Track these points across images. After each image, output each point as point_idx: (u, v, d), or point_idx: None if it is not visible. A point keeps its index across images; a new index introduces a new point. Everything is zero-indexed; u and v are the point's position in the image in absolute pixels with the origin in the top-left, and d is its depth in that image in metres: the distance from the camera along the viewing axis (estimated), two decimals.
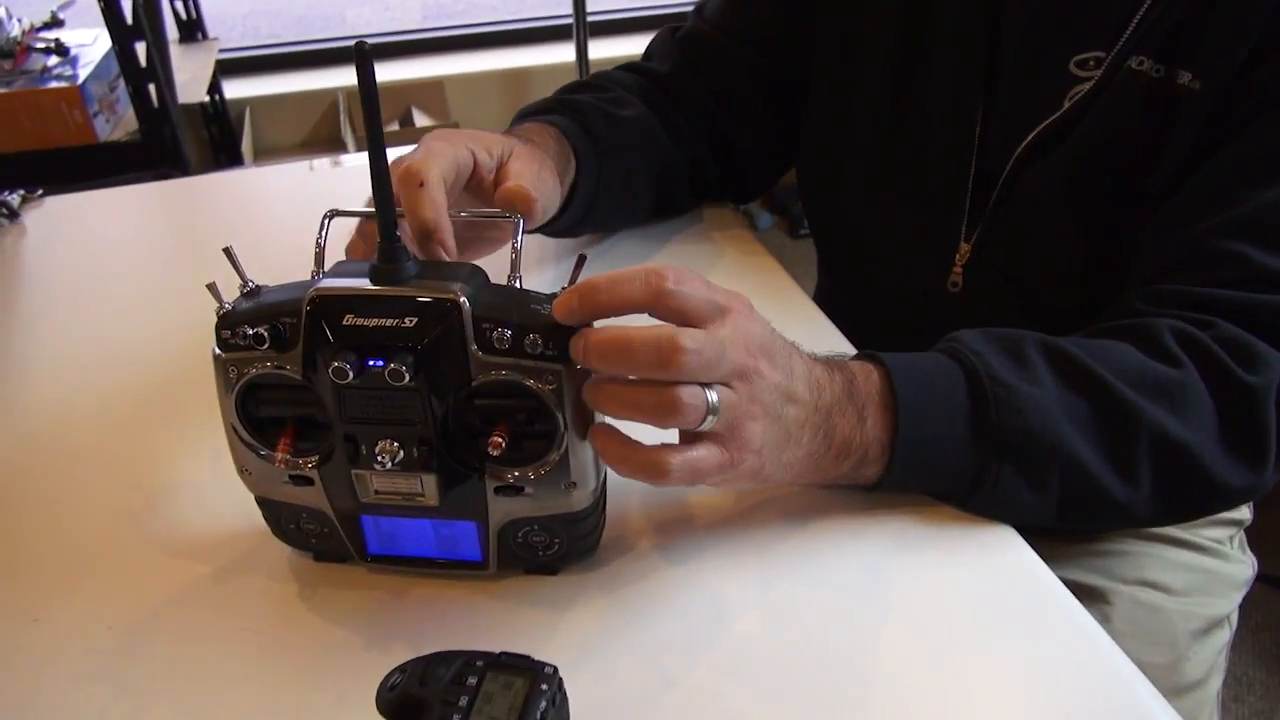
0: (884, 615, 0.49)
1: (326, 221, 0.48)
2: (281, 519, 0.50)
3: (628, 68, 0.86)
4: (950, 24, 0.70)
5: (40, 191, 0.95)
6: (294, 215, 0.92)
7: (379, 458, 0.44)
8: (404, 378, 0.41)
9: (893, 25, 0.73)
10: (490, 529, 0.48)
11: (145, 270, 0.84)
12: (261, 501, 0.50)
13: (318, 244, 0.47)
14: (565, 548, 0.49)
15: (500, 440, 0.43)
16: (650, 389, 0.43)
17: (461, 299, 0.42)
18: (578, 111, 0.74)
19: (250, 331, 0.43)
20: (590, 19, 2.33)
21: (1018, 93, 0.68)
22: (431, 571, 0.51)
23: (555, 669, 0.39)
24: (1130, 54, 0.63)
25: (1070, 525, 0.59)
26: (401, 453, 0.44)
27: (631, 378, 0.44)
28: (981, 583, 0.51)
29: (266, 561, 0.53)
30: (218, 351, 0.45)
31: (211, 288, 0.45)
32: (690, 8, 0.86)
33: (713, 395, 0.44)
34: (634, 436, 0.46)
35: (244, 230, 0.90)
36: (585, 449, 0.45)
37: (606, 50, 2.48)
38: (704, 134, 0.82)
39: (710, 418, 0.44)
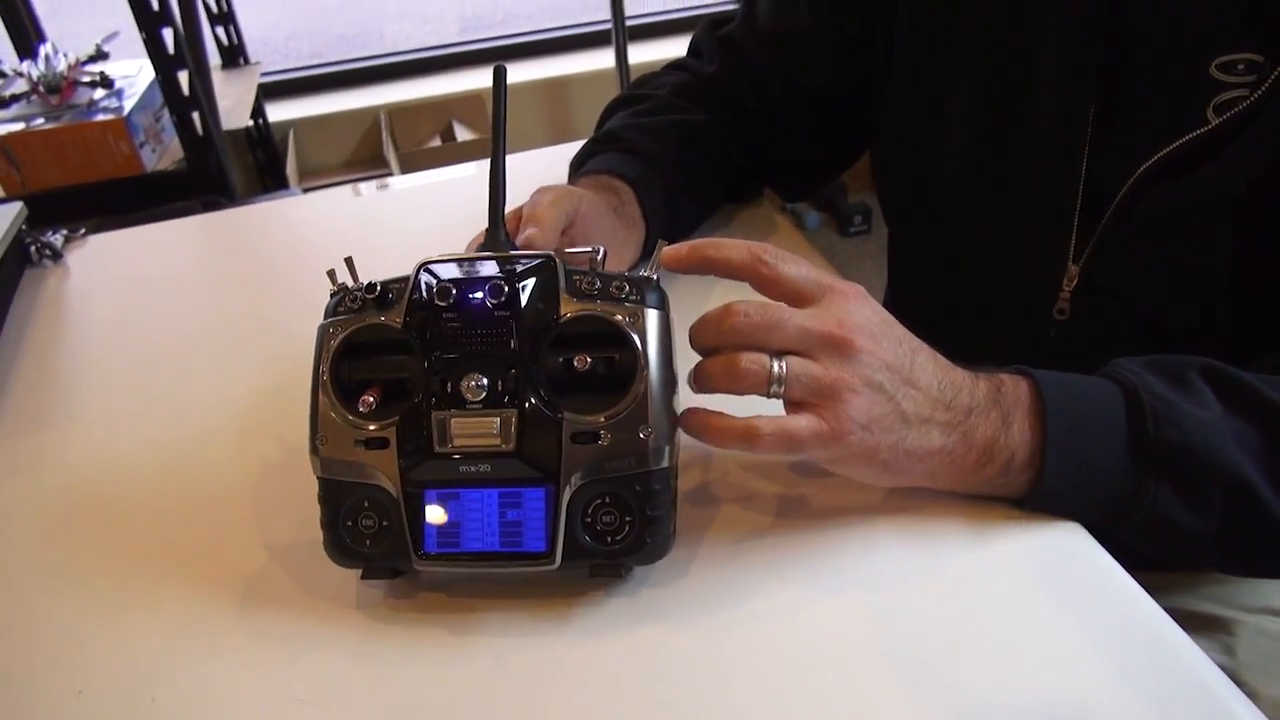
0: (953, 652, 0.45)
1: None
2: (341, 511, 0.48)
3: (676, 65, 0.86)
4: (1058, 14, 0.61)
5: (83, 230, 0.94)
6: (343, 242, 0.90)
7: (465, 393, 0.46)
8: (502, 292, 0.47)
9: (992, 16, 0.65)
10: (561, 493, 0.46)
11: (192, 307, 0.82)
12: (325, 489, 0.49)
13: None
14: (635, 533, 0.47)
15: (586, 358, 0.47)
16: (719, 355, 0.48)
17: (556, 257, 0.49)
18: (615, 140, 0.76)
19: (360, 289, 0.49)
20: (629, 23, 2.30)
21: (1142, 101, 0.60)
22: (490, 575, 0.50)
23: None
24: None
25: (1231, 561, 0.54)
26: (486, 389, 0.46)
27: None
28: (1070, 610, 0.46)
29: (313, 622, 0.50)
30: (323, 321, 0.50)
31: (331, 274, 0.51)
32: (728, 4, 0.85)
33: (778, 362, 0.47)
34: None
35: (293, 260, 0.89)
36: (662, 397, 0.47)
37: (646, 54, 2.45)
38: (752, 132, 0.81)
39: (776, 385, 0.47)
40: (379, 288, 0.49)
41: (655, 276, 0.50)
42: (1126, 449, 0.49)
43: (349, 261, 0.52)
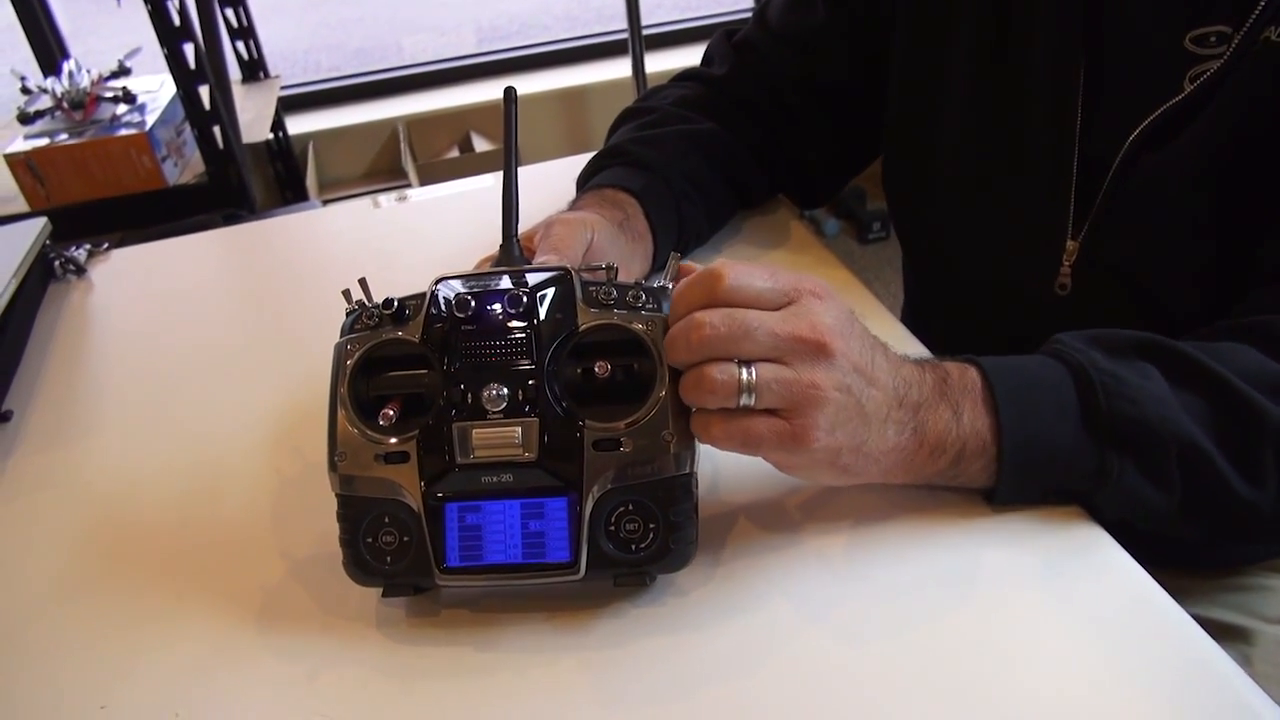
0: (981, 657, 0.44)
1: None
2: (361, 528, 0.48)
3: (684, 75, 0.86)
4: (1044, 3, 0.65)
5: (106, 245, 0.94)
6: (363, 254, 0.90)
7: (486, 402, 0.46)
8: (521, 303, 0.47)
9: (981, 8, 0.67)
10: (584, 503, 0.46)
11: (214, 321, 0.83)
12: (344, 506, 0.48)
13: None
14: (659, 540, 0.47)
15: (606, 365, 0.47)
16: (691, 370, 0.46)
17: (572, 269, 0.50)
18: (619, 154, 0.76)
19: (377, 305, 0.49)
20: (645, 32, 2.30)
21: (1125, 74, 0.63)
22: (513, 588, 0.49)
23: None
24: (1266, 25, 0.56)
25: (1196, 531, 0.53)
26: (506, 399, 0.46)
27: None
28: (1099, 618, 0.46)
29: (334, 637, 0.50)
30: (340, 339, 0.50)
31: (346, 294, 0.51)
32: (744, 14, 0.85)
33: (747, 371, 0.45)
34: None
35: (314, 273, 0.89)
36: (682, 404, 0.47)
37: (663, 63, 2.45)
38: (766, 135, 0.81)
39: (746, 395, 0.45)
40: (395, 304, 0.49)
41: (670, 285, 0.50)
42: (1083, 426, 0.49)
43: (363, 282, 0.52)
